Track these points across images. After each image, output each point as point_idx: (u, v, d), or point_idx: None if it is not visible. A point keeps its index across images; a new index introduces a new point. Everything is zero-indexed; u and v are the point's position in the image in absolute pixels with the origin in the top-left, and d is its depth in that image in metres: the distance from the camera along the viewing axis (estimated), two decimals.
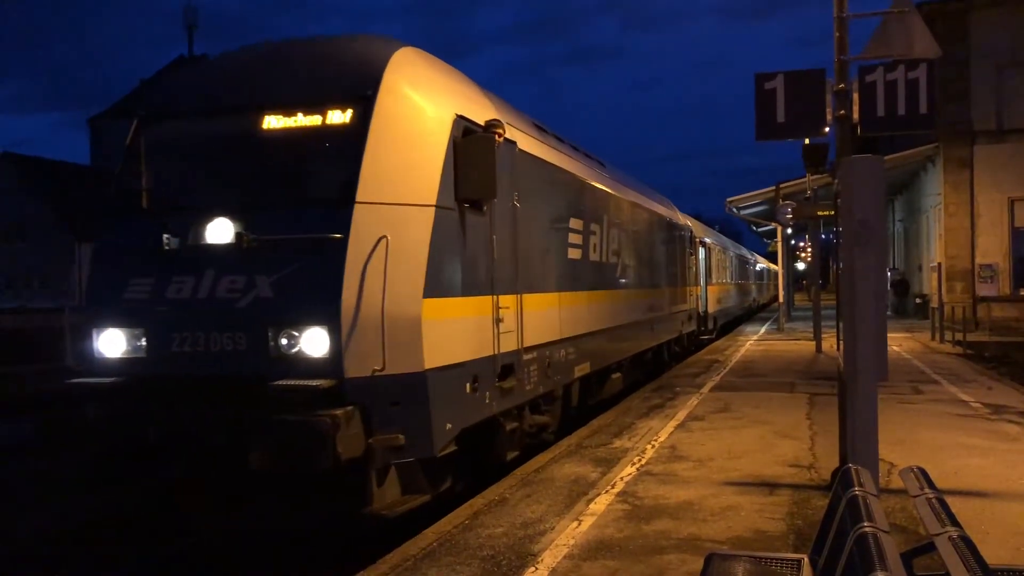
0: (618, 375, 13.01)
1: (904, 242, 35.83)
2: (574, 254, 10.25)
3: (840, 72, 7.38)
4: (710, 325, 24.15)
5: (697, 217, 32.21)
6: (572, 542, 5.90)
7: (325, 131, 6.45)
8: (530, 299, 8.40)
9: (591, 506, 6.83)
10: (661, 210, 17.05)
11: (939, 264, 25.51)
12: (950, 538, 2.90)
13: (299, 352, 5.94)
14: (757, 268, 52.91)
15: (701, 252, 22.73)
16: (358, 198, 6.06)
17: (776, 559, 3.95)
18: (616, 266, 12.54)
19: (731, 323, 32.30)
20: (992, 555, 2.90)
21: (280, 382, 5.79)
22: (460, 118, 6.93)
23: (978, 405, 11.42)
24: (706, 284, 23.66)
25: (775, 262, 50.23)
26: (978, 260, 24.63)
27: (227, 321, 6.06)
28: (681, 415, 11.20)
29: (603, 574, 5.27)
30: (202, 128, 6.92)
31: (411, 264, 6.15)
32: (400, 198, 6.25)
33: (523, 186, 8.24)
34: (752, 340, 24.69)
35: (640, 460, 8.47)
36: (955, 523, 3.09)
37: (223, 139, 6.83)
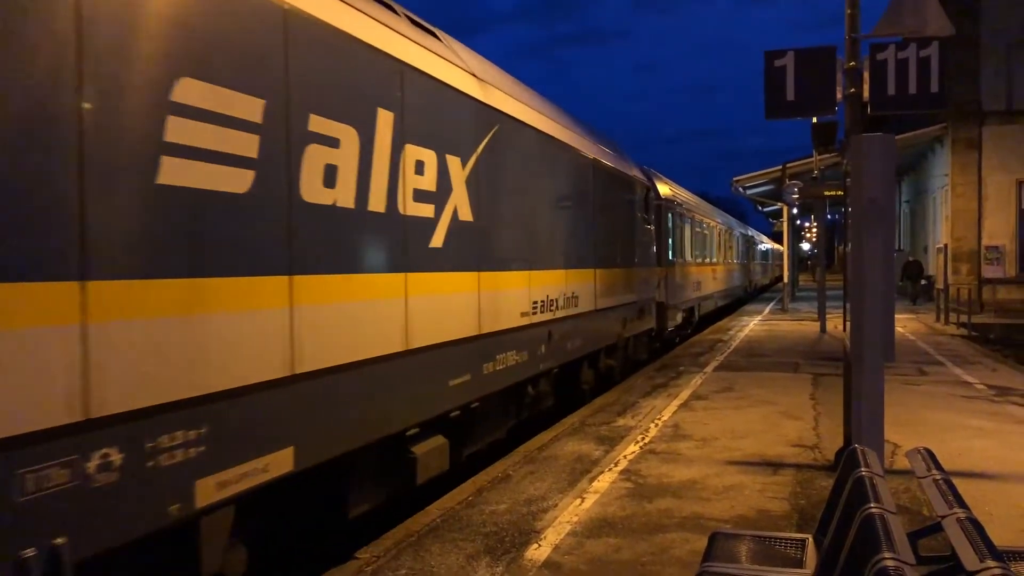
0: (437, 443, 6.38)
1: (910, 223, 35.69)
2: (308, 191, 4.73)
3: (851, 50, 7.30)
4: (680, 319, 18.63)
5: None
6: (575, 519, 5.91)
7: None
8: None
9: (594, 484, 6.84)
10: (592, 152, 11.11)
11: (945, 246, 25.41)
12: (958, 520, 2.88)
13: None
14: (761, 248, 52.52)
15: (671, 221, 17.57)
16: None
17: (780, 538, 3.94)
18: (450, 229, 6.55)
19: (723, 310, 28.50)
20: (996, 536, 2.88)
21: None
22: None
23: (983, 387, 11.40)
24: (679, 264, 18.64)
25: (780, 242, 50.16)
26: (984, 242, 24.53)
27: None
28: (684, 394, 11.20)
29: (606, 551, 5.29)
30: None
31: None
32: None
33: None
34: (756, 320, 24.66)
35: (643, 439, 8.48)
36: (963, 505, 3.07)
37: None
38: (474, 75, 7.45)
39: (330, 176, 4.98)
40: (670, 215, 17.52)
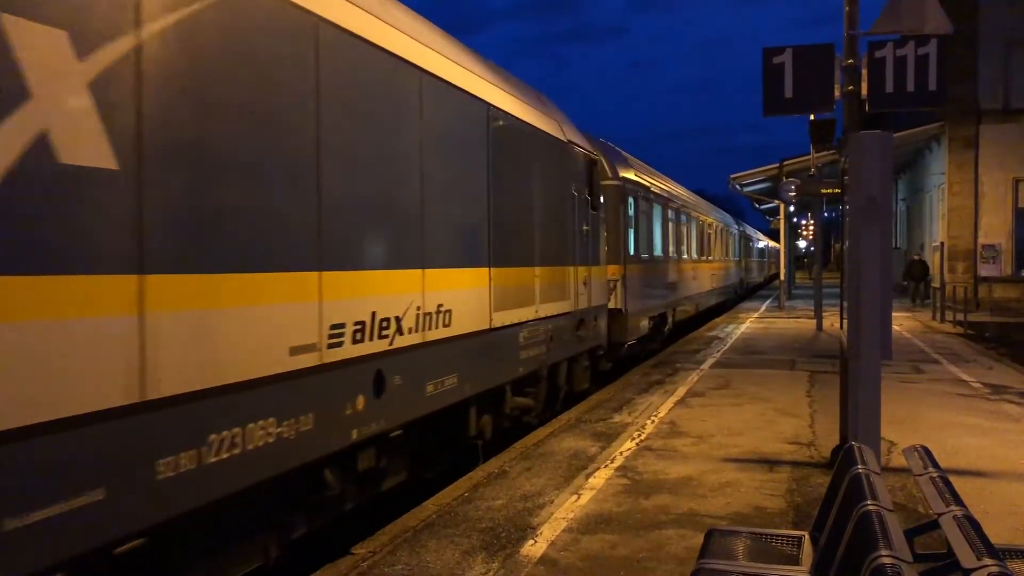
0: None
1: (907, 221, 35.72)
2: None
3: (849, 47, 7.30)
4: (646, 328, 14.99)
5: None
6: (571, 516, 5.91)
7: None
8: None
9: (590, 480, 6.84)
10: (490, 97, 7.65)
11: (941, 244, 25.44)
12: (955, 517, 2.88)
13: None
14: (757, 245, 52.44)
15: (632, 208, 14.37)
16: None
17: (777, 535, 3.95)
18: (8, 183, 2.88)
19: (713, 311, 26.61)
20: (992, 534, 2.88)
21: None
22: None
23: (978, 385, 11.42)
24: (645, 261, 15.35)
25: (776, 239, 50.13)
26: (981, 240, 24.56)
27: None
28: (681, 391, 11.21)
29: (602, 548, 5.28)
30: None
31: None
32: None
33: None
34: (752, 318, 24.68)
35: (640, 435, 8.48)
36: (959, 502, 3.07)
37: None
38: None
39: None
40: (632, 200, 14.25)
